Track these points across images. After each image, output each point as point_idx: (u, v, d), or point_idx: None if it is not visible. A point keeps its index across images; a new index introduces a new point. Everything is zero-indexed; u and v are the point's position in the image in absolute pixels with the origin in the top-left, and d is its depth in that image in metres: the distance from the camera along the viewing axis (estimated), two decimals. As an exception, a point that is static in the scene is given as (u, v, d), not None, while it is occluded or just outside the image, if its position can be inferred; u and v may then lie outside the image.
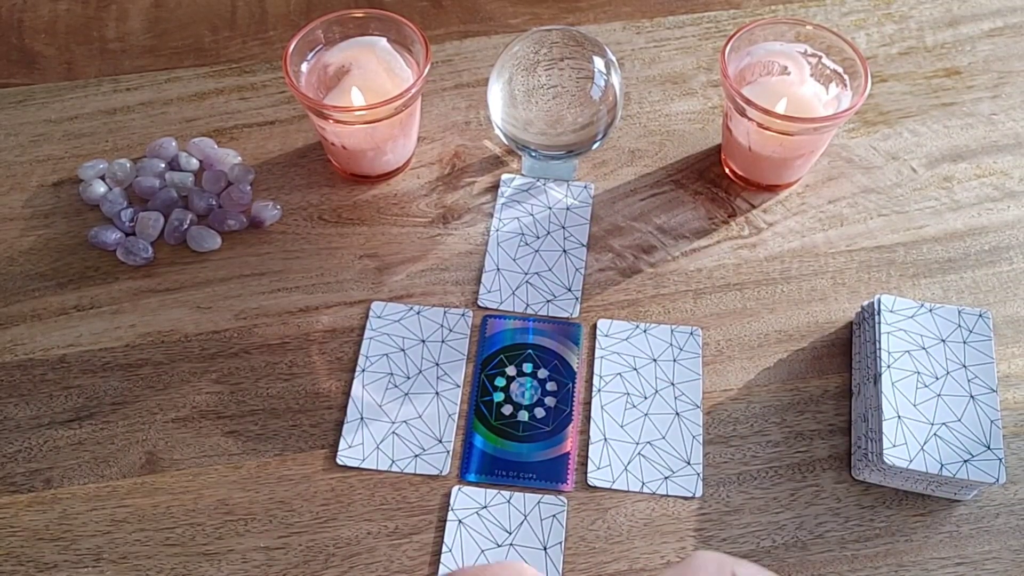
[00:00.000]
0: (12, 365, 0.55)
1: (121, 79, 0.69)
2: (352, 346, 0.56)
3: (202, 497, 0.51)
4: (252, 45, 0.71)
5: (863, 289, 0.58)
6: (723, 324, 0.56)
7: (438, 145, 0.65)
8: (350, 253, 0.59)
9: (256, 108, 0.67)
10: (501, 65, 0.57)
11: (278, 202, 0.61)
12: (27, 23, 0.73)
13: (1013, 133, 0.65)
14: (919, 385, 0.49)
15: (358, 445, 0.52)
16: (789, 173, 0.61)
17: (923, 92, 0.67)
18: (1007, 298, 0.57)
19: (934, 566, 0.48)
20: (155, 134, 0.65)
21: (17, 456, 0.52)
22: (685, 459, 0.51)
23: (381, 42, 0.60)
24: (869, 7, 0.72)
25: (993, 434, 0.48)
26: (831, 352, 0.55)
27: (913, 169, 0.63)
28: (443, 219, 0.61)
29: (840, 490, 0.50)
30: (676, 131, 0.65)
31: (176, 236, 0.59)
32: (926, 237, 0.60)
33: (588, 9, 0.73)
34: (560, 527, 0.49)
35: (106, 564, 0.48)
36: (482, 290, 0.58)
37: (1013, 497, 0.50)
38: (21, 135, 0.65)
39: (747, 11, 0.72)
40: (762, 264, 0.59)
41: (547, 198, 0.62)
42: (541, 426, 0.53)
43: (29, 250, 0.60)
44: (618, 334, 0.56)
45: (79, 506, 0.50)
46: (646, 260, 0.59)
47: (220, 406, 0.54)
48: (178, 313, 0.57)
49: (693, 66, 0.69)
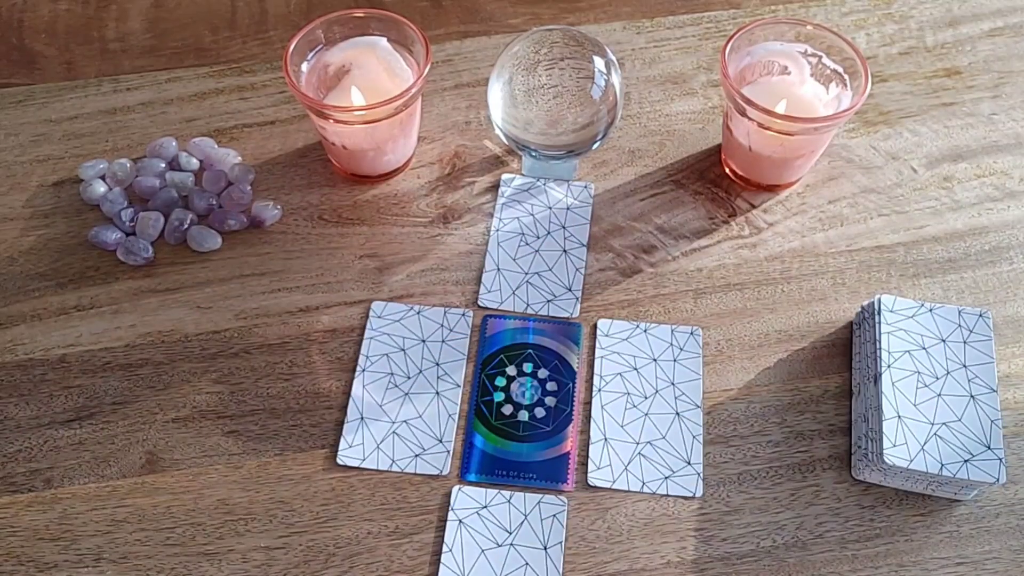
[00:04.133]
0: (12, 365, 0.55)
1: (121, 79, 0.69)
2: (352, 346, 0.56)
3: (202, 497, 0.51)
4: (252, 45, 0.71)
5: (863, 289, 0.58)
6: (723, 324, 0.56)
7: (438, 145, 0.65)
8: (350, 253, 0.59)
9: (256, 108, 0.67)
10: (501, 65, 0.57)
11: (278, 202, 0.61)
12: (27, 23, 0.73)
13: (1013, 133, 0.65)
14: (919, 385, 0.49)
15: (358, 445, 0.52)
16: (789, 173, 0.61)
17: (923, 92, 0.67)
18: (1007, 298, 0.57)
19: (934, 566, 0.48)
20: (155, 134, 0.65)
21: (17, 456, 0.52)
22: (685, 459, 0.51)
23: (381, 42, 0.60)
24: (869, 7, 0.72)
25: (993, 434, 0.48)
26: (831, 352, 0.55)
27: (913, 169, 0.63)
28: (443, 219, 0.61)
29: (840, 490, 0.50)
30: (676, 131, 0.65)
31: (176, 236, 0.60)
32: (926, 237, 0.60)
33: (588, 9, 0.73)
34: (560, 527, 0.49)
35: (106, 564, 0.48)
36: (482, 290, 0.58)
37: (1013, 497, 0.50)
38: (21, 135, 0.65)
39: (747, 11, 0.72)
40: (762, 264, 0.59)
41: (547, 198, 0.62)
42: (541, 426, 0.53)
43: (29, 250, 0.60)
44: (618, 334, 0.56)
45: (79, 506, 0.50)
46: (646, 260, 0.59)
47: (220, 406, 0.54)
48: (178, 313, 0.57)
49: (693, 66, 0.69)
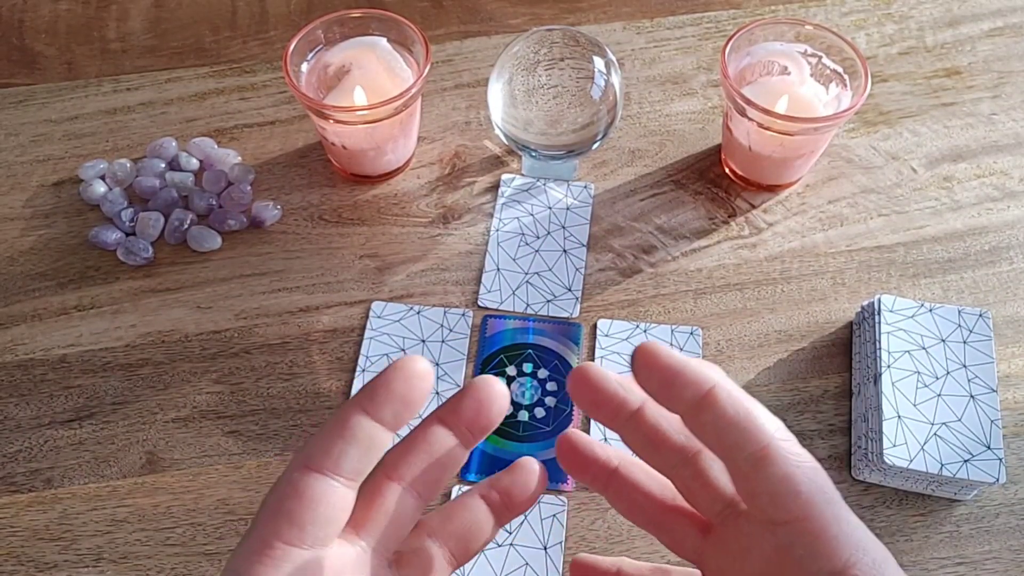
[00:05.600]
0: (12, 365, 0.55)
1: (122, 79, 0.69)
2: (352, 346, 0.56)
3: (203, 497, 0.51)
4: (252, 45, 0.71)
5: (863, 289, 0.58)
6: (723, 324, 0.56)
7: (438, 145, 0.65)
8: (350, 253, 0.59)
9: (256, 108, 0.67)
10: (501, 65, 0.57)
11: (278, 202, 0.61)
12: (28, 23, 0.73)
13: (1013, 133, 0.65)
14: (919, 385, 0.49)
15: (358, 445, 0.52)
16: (789, 173, 0.61)
17: (923, 92, 0.67)
18: (1007, 298, 0.57)
19: (934, 566, 0.48)
20: (155, 134, 0.65)
21: (17, 456, 0.52)
22: (685, 459, 0.51)
23: (381, 42, 0.60)
24: (869, 7, 0.72)
25: (993, 434, 0.48)
26: (831, 352, 0.55)
27: (913, 169, 0.63)
28: (443, 219, 0.61)
29: (840, 490, 0.50)
30: (676, 131, 0.65)
31: (176, 236, 0.60)
32: (926, 237, 0.60)
33: (588, 9, 0.73)
34: (560, 527, 0.49)
35: (106, 564, 0.49)
36: (482, 290, 0.58)
37: (1013, 497, 0.50)
38: (22, 135, 0.65)
39: (747, 11, 0.72)
40: (762, 264, 0.59)
41: (547, 198, 0.62)
42: (541, 426, 0.53)
43: (29, 250, 0.60)
44: (618, 334, 0.56)
45: (79, 506, 0.50)
46: (646, 260, 0.59)
47: (221, 406, 0.54)
48: (178, 313, 0.57)
49: (693, 66, 0.69)
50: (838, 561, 0.28)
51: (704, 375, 0.29)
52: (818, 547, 0.28)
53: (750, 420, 0.29)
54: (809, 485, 0.29)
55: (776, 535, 0.29)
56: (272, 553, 0.28)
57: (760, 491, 0.29)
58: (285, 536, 0.28)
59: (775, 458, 0.29)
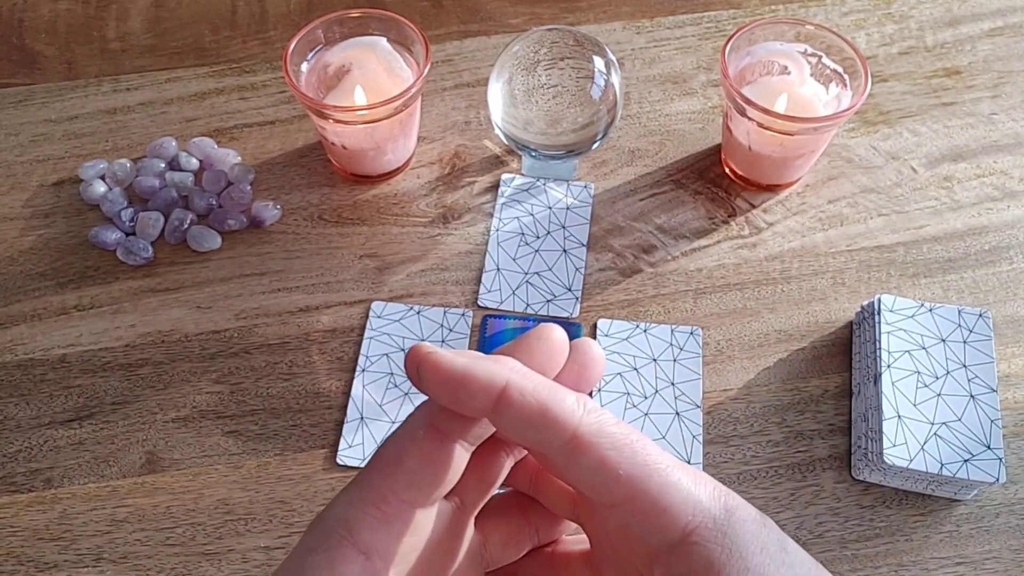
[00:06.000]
0: (12, 365, 0.55)
1: (121, 79, 0.69)
2: (352, 346, 0.56)
3: (202, 497, 0.51)
4: (252, 45, 0.71)
5: (863, 289, 0.58)
6: (723, 324, 0.56)
7: (438, 145, 0.65)
8: (350, 253, 0.59)
9: (256, 108, 0.67)
10: (501, 65, 0.57)
11: (278, 202, 0.61)
12: (28, 23, 0.73)
13: (1013, 133, 0.65)
14: (919, 385, 0.49)
15: (358, 445, 0.52)
16: (789, 173, 0.61)
17: (923, 92, 0.67)
18: (1007, 298, 0.57)
19: (934, 566, 0.48)
20: (155, 134, 0.65)
21: (17, 456, 0.52)
22: (685, 459, 0.51)
23: (381, 42, 0.60)
24: (869, 7, 0.72)
25: (993, 434, 0.48)
26: (831, 352, 0.55)
27: (913, 169, 0.63)
28: (443, 219, 0.61)
29: (840, 490, 0.50)
30: (676, 131, 0.65)
31: (176, 236, 0.60)
32: (926, 237, 0.60)
33: (588, 9, 0.73)
34: (560, 527, 0.49)
35: (106, 564, 0.48)
36: (482, 290, 0.58)
37: (1013, 497, 0.50)
38: (21, 135, 0.65)
39: (747, 11, 0.72)
40: (762, 264, 0.59)
41: (547, 198, 0.62)
42: (541, 426, 0.53)
43: (29, 250, 0.60)
44: (618, 334, 0.56)
45: (79, 506, 0.50)
46: (646, 260, 0.59)
47: (220, 406, 0.54)
48: (178, 313, 0.57)
49: (693, 66, 0.69)
50: (674, 532, 0.28)
51: (493, 376, 0.28)
52: (651, 523, 0.28)
53: (548, 414, 0.27)
54: (627, 465, 0.28)
55: (614, 515, 0.29)
56: (386, 508, 0.27)
57: (580, 482, 0.29)
58: (403, 494, 0.28)
59: (584, 447, 0.27)
